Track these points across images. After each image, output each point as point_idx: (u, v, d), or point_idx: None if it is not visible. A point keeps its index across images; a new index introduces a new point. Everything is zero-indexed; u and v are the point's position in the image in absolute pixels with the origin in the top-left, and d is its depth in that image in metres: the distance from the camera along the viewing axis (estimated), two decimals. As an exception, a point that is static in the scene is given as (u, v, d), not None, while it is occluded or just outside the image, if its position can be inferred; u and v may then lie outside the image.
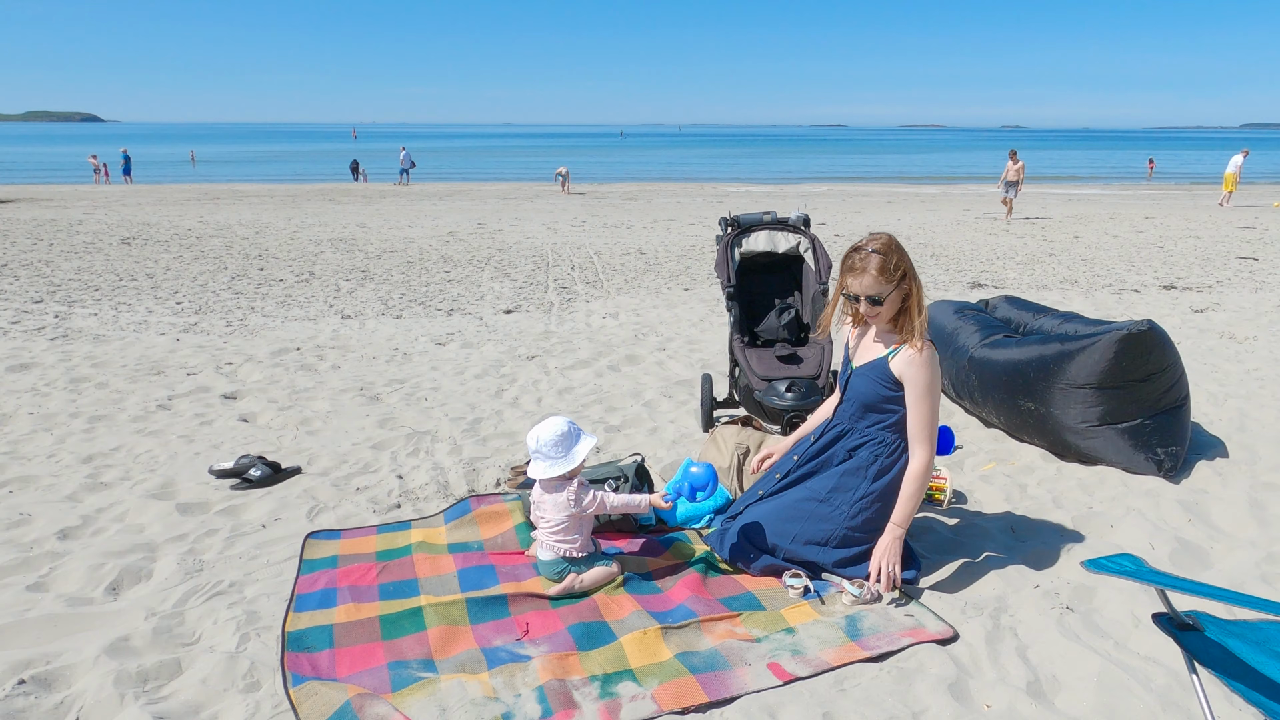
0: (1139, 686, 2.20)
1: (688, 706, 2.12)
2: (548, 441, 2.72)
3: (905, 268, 2.66)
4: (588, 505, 2.72)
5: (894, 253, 2.65)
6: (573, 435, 2.76)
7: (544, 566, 2.76)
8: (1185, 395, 3.81)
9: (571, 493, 2.71)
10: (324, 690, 2.14)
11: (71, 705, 2.15)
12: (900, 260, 2.65)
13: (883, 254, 2.63)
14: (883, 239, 2.68)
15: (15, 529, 3.19)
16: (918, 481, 2.66)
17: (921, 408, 2.65)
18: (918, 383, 2.64)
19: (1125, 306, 8.21)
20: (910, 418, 2.67)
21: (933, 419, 2.66)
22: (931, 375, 2.65)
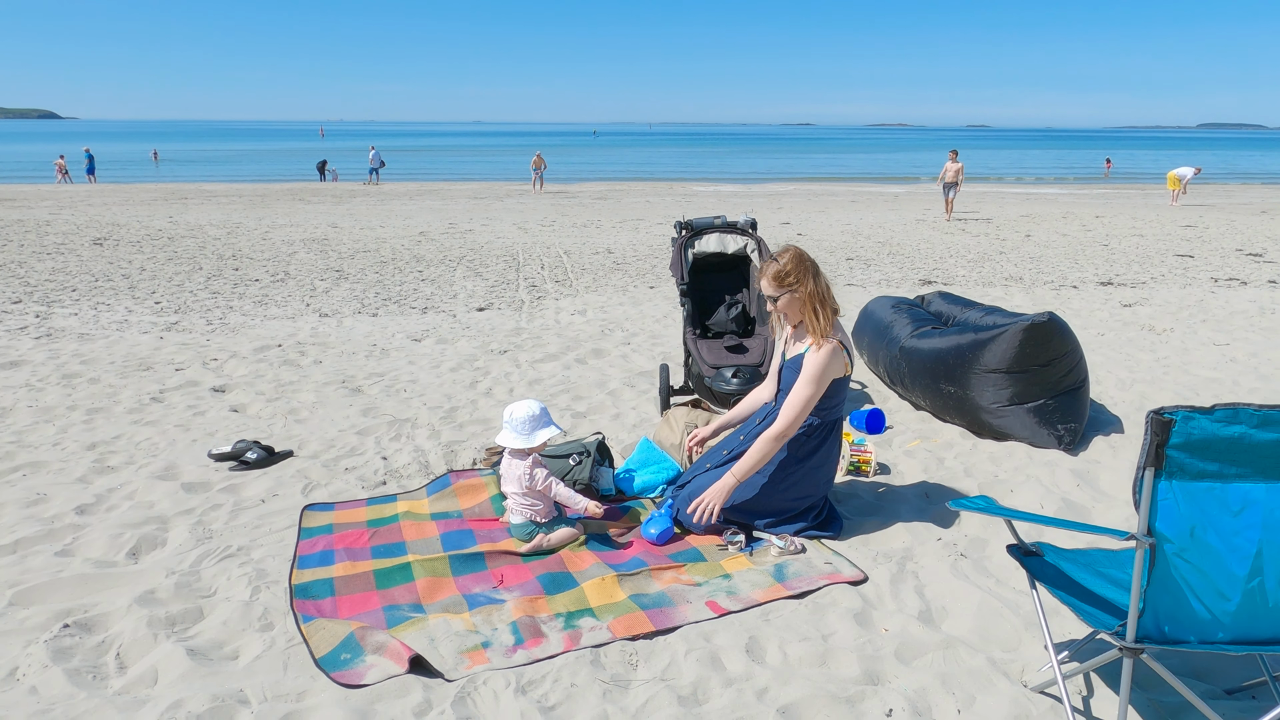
0: (1009, 612, 2.66)
1: (637, 634, 2.54)
2: (520, 419, 3.12)
3: (798, 277, 3.10)
4: (538, 483, 3.12)
5: (790, 264, 3.11)
6: (541, 420, 3.16)
7: (515, 529, 3.17)
8: (1084, 378, 4.31)
9: (527, 469, 3.12)
10: (330, 625, 2.53)
11: (111, 644, 2.51)
12: (794, 270, 3.10)
13: (777, 263, 3.12)
14: (787, 252, 3.15)
15: (34, 507, 3.52)
16: (768, 444, 3.09)
17: (800, 388, 3.08)
18: (806, 369, 3.09)
19: (1061, 301, 8.77)
20: (791, 392, 3.11)
21: (805, 400, 3.07)
22: (820, 367, 3.06)
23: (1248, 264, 11.68)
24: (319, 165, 34.43)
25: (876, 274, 10.81)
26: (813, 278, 3.13)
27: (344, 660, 2.39)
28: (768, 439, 3.11)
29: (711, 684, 2.33)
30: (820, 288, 3.12)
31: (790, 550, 3.06)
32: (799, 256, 3.14)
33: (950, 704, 2.25)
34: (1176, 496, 1.74)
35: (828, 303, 3.13)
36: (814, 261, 3.18)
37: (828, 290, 3.15)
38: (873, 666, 2.41)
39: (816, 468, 3.21)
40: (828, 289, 3.16)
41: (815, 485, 3.22)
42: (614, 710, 2.22)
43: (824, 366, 3.07)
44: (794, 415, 3.09)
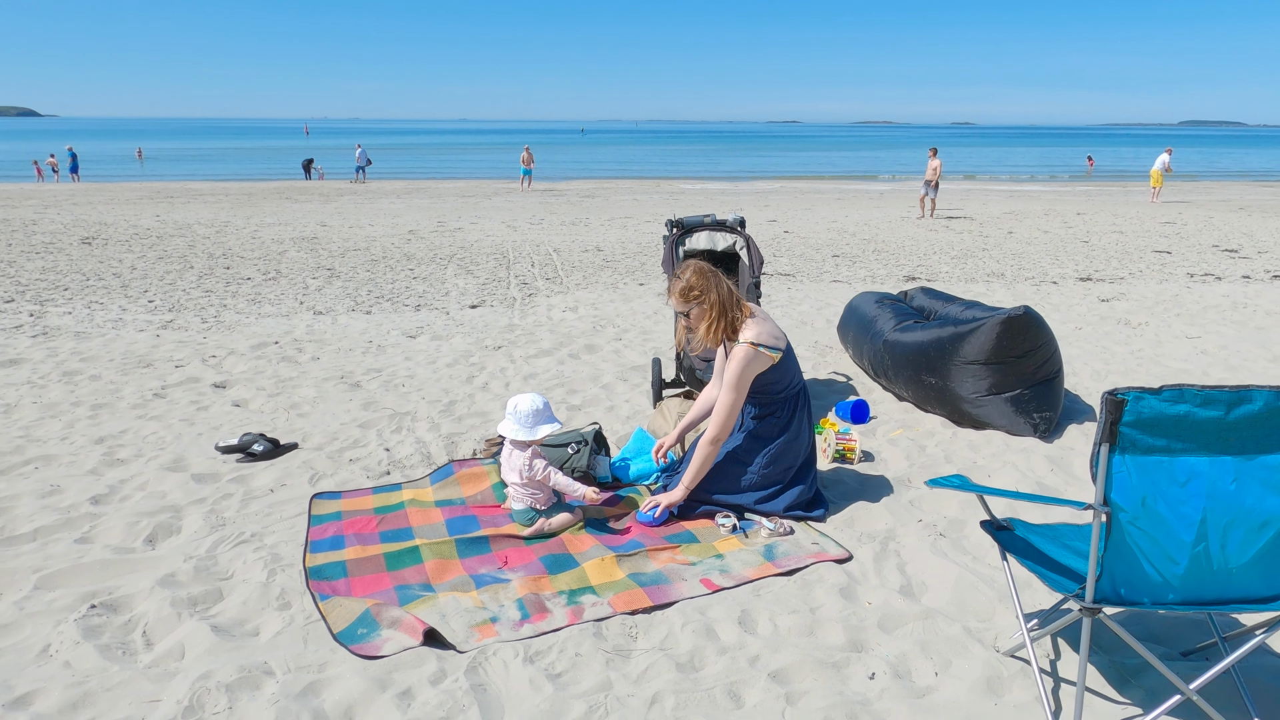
0: (984, 586, 2.84)
1: (636, 609, 2.70)
2: (524, 412, 3.27)
3: (703, 290, 3.28)
4: (537, 474, 3.27)
5: (694, 278, 3.29)
6: (543, 414, 3.32)
7: (517, 514, 3.32)
8: (1058, 369, 4.50)
9: (527, 459, 3.27)
10: (346, 603, 2.68)
11: (138, 622, 2.64)
12: (698, 284, 3.28)
13: (681, 280, 3.31)
14: (689, 269, 3.33)
15: (50, 498, 3.64)
16: (705, 449, 3.29)
17: (723, 395, 3.26)
18: (727, 376, 3.27)
19: (1041, 297, 9.00)
20: (717, 400, 3.29)
21: (730, 405, 3.23)
22: (736, 373, 3.22)
23: (1223, 260, 11.97)
24: (305, 164, 34.29)
25: (862, 270, 11.01)
26: (716, 288, 3.29)
27: (361, 635, 2.54)
28: (704, 445, 3.31)
29: (707, 653, 2.50)
30: (724, 295, 3.28)
31: (780, 532, 3.23)
32: (700, 270, 3.33)
33: (928, 668, 2.43)
34: (1129, 469, 1.91)
35: (729, 310, 3.28)
36: (715, 274, 3.35)
37: (730, 299, 3.30)
38: (857, 635, 2.58)
39: (793, 439, 3.40)
40: (730, 298, 3.30)
41: (795, 453, 3.42)
42: (617, 677, 2.38)
43: (740, 371, 3.24)
44: (722, 420, 3.28)
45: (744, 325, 3.30)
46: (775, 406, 3.40)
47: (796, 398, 3.43)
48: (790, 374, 3.41)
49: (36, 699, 2.26)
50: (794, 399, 3.42)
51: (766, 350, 3.28)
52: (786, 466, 3.40)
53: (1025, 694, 2.31)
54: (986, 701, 2.28)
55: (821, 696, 2.29)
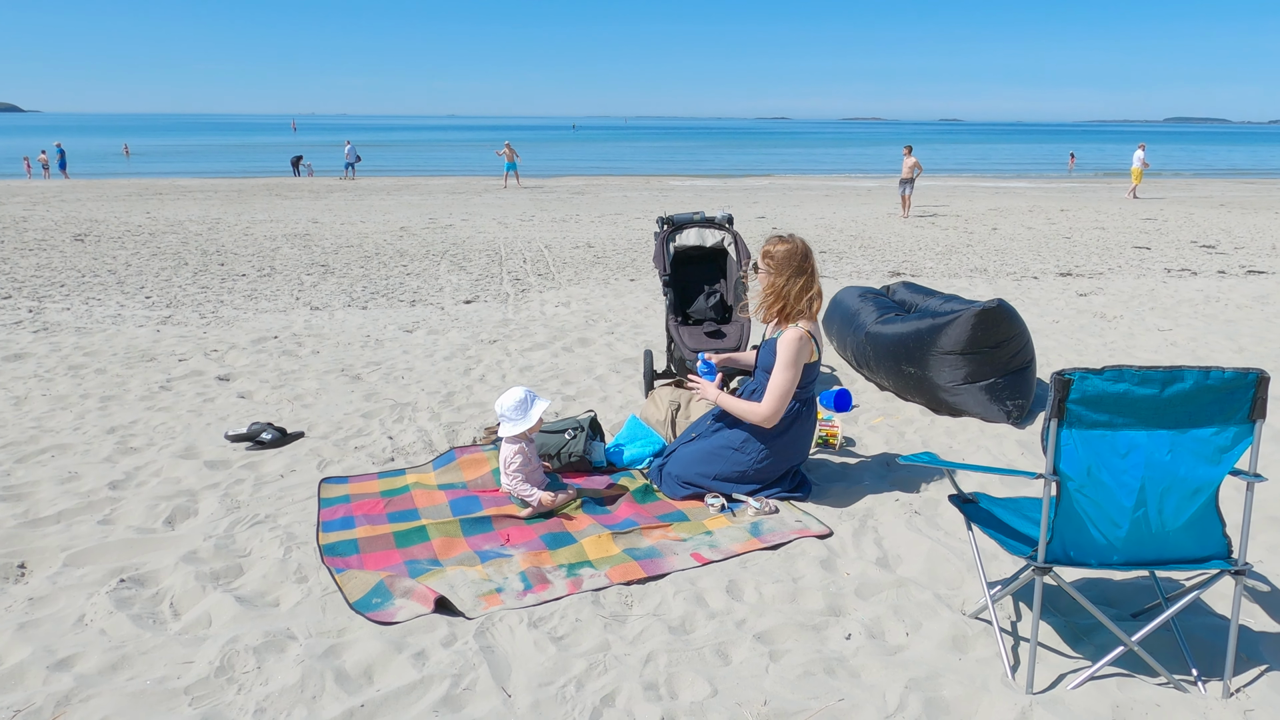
0: (955, 558, 3.05)
1: (631, 580, 2.90)
2: (510, 406, 3.47)
3: (776, 269, 3.47)
4: (512, 466, 3.42)
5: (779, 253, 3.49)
6: (529, 401, 3.51)
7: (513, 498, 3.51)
8: (1031, 359, 4.73)
9: (512, 453, 3.44)
10: (361, 575, 2.87)
11: (165, 595, 2.82)
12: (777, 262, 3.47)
13: (771, 245, 3.53)
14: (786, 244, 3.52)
15: (69, 483, 3.80)
16: (752, 415, 3.46)
17: (779, 373, 3.43)
18: (781, 355, 3.44)
19: (1022, 291, 9.25)
20: (771, 379, 3.46)
21: (786, 384, 3.41)
22: (793, 353, 3.39)
23: (1201, 255, 12.26)
24: (294, 160, 34.26)
25: (848, 266, 11.24)
26: (790, 276, 3.46)
27: (375, 603, 2.73)
28: (754, 412, 3.46)
29: (697, 618, 2.70)
30: (791, 289, 3.45)
31: (765, 510, 3.44)
32: (792, 250, 3.49)
33: (900, 629, 2.64)
34: (1076, 442, 2.12)
35: (789, 302, 3.46)
36: (807, 261, 3.49)
37: (802, 293, 3.45)
38: (835, 602, 2.79)
39: (795, 439, 3.58)
40: (801, 292, 3.45)
41: (794, 454, 3.61)
42: (614, 639, 2.58)
43: (795, 352, 3.41)
44: (778, 398, 3.43)
45: (799, 322, 3.46)
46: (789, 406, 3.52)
47: (808, 401, 3.59)
48: (810, 377, 3.56)
49: (78, 661, 2.44)
50: (805, 402, 3.57)
51: (813, 345, 3.46)
52: (782, 463, 3.57)
53: (987, 650, 2.53)
54: (951, 657, 2.49)
55: (802, 654, 2.50)
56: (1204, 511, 2.17)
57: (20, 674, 2.37)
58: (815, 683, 2.36)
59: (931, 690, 2.32)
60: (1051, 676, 2.39)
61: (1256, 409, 2.10)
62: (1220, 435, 2.11)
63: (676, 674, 2.40)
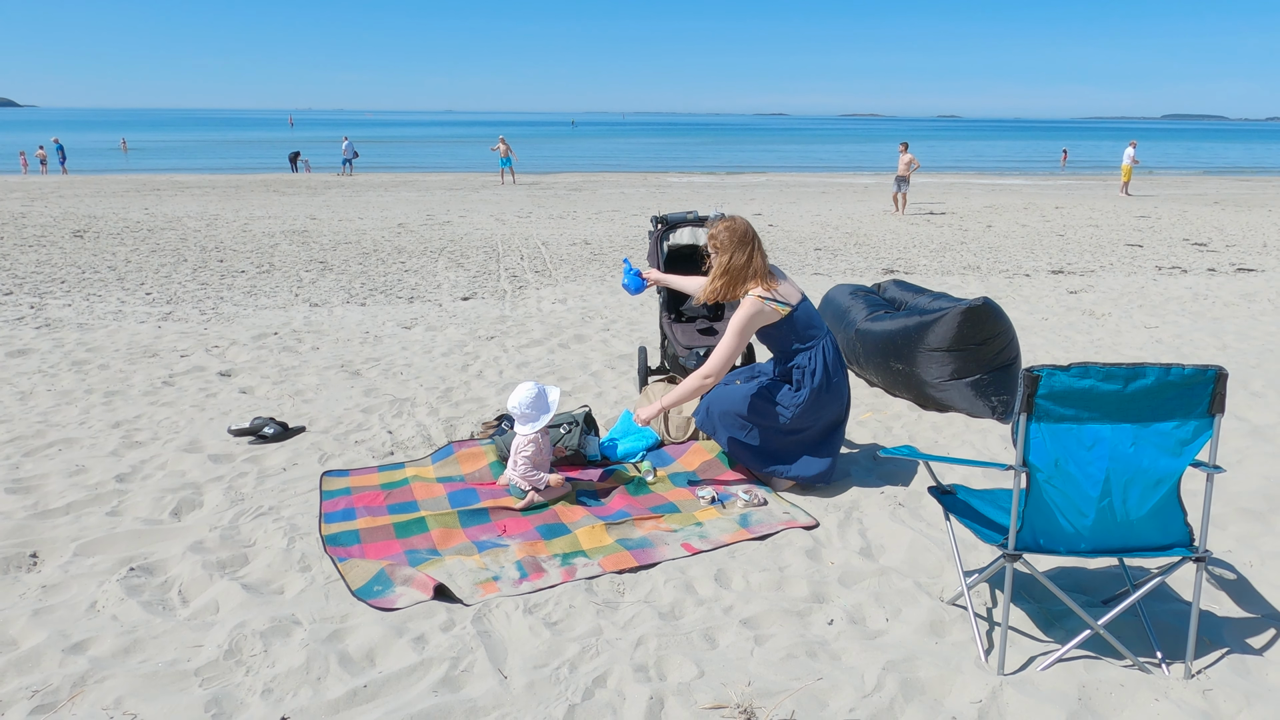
0: (935, 548, 3.17)
1: (623, 569, 3.01)
2: (526, 403, 3.56)
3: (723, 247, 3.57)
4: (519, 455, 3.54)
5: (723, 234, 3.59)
6: (542, 394, 3.61)
7: (513, 489, 3.61)
8: (1016, 355, 4.84)
9: (525, 442, 3.55)
10: (362, 563, 2.97)
11: (173, 583, 2.93)
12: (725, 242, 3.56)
13: (715, 228, 3.64)
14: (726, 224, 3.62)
15: (76, 476, 3.90)
16: (696, 380, 3.55)
17: (724, 340, 3.53)
18: (730, 324, 3.54)
19: (1014, 289, 9.36)
20: (719, 344, 3.55)
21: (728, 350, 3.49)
22: (740, 322, 3.48)
23: (1192, 253, 12.38)
24: (291, 156, 34.27)
25: (843, 263, 11.34)
26: (734, 252, 3.54)
27: (377, 591, 2.83)
28: (696, 376, 3.59)
29: (686, 604, 2.81)
30: (735, 264, 3.53)
31: (754, 503, 3.55)
32: (733, 230, 3.58)
33: (881, 615, 2.75)
34: (1044, 435, 2.23)
35: (738, 277, 3.54)
36: (747, 236, 3.57)
37: (745, 265, 3.53)
38: (819, 589, 2.91)
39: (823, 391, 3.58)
40: (749, 265, 3.53)
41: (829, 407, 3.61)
42: (606, 625, 2.69)
43: (744, 321, 3.51)
44: (719, 360, 3.54)
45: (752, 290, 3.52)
46: (798, 356, 3.59)
47: (822, 352, 3.59)
48: (808, 330, 3.58)
49: (91, 645, 2.55)
50: (819, 353, 3.58)
51: (774, 303, 3.49)
52: (819, 416, 3.59)
53: (963, 635, 2.64)
54: (929, 641, 2.60)
55: (786, 639, 2.61)
56: (1166, 501, 2.28)
57: (37, 657, 2.48)
58: (797, 664, 2.48)
59: (908, 671, 2.43)
60: (1022, 659, 2.50)
61: (1215, 404, 2.21)
62: (1181, 429, 2.22)
63: (665, 657, 2.51)
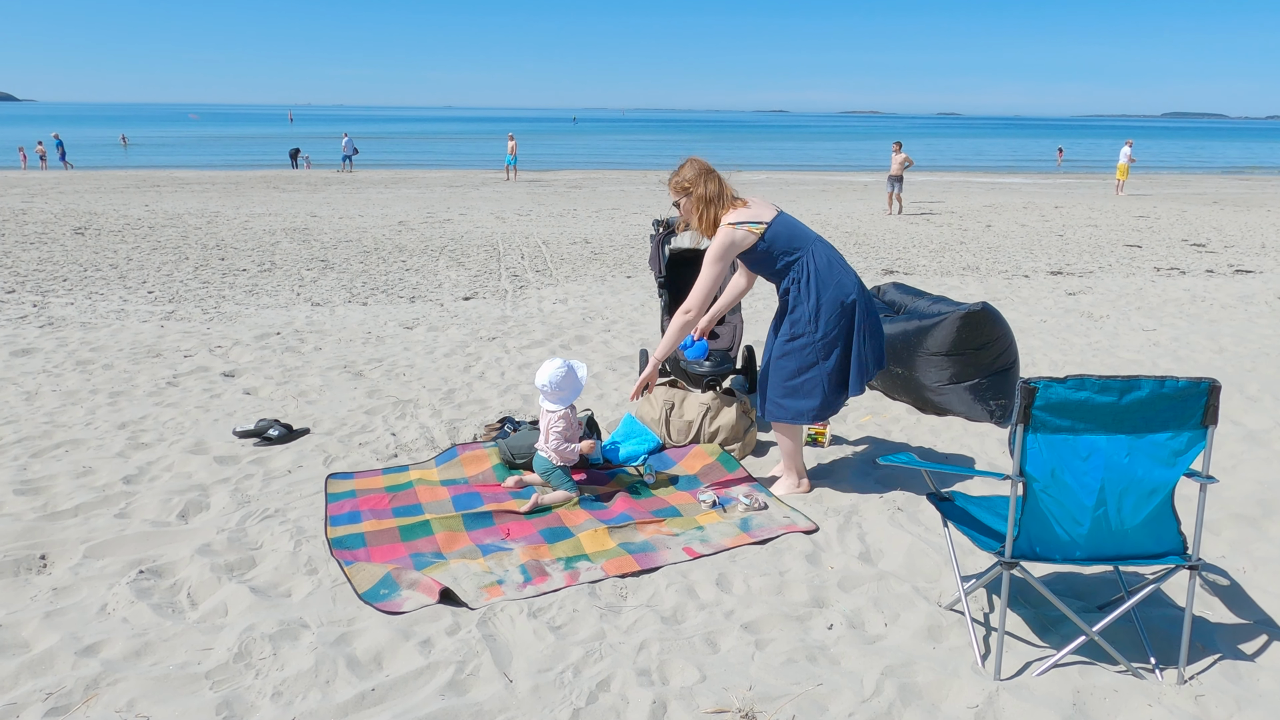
0: (933, 552, 3.21)
1: (626, 573, 3.06)
2: (555, 380, 3.64)
3: (693, 184, 3.58)
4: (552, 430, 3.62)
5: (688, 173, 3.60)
6: (572, 372, 3.69)
7: (538, 461, 3.70)
8: (1014, 360, 4.88)
9: (556, 418, 3.64)
10: (369, 567, 3.02)
11: (182, 585, 2.97)
12: (692, 179, 3.58)
13: (679, 175, 3.64)
14: (686, 164, 3.64)
15: (84, 478, 3.94)
16: (679, 320, 3.60)
17: (704, 270, 3.53)
18: (708, 254, 3.53)
19: (1012, 290, 9.40)
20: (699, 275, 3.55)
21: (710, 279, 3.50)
22: (718, 249, 3.49)
23: (1190, 254, 12.42)
24: (291, 153, 34.31)
25: (842, 264, 11.38)
26: (704, 183, 3.58)
27: (383, 594, 2.87)
28: (678, 315, 3.60)
29: (688, 608, 2.86)
30: (709, 192, 3.56)
31: (755, 506, 3.59)
32: (695, 165, 3.63)
33: (880, 619, 2.80)
34: (1041, 446, 2.27)
35: (715, 202, 3.56)
36: (707, 167, 3.62)
37: (720, 191, 3.57)
38: (819, 594, 2.95)
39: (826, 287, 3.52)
40: (721, 190, 3.57)
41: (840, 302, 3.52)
42: (609, 628, 2.73)
43: (722, 248, 3.51)
44: (701, 294, 3.54)
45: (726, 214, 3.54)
46: (791, 270, 3.56)
47: (812, 256, 3.54)
48: (792, 243, 3.53)
49: (103, 648, 2.59)
50: (809, 258, 3.54)
51: (747, 225, 3.49)
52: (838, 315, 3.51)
53: (960, 640, 2.68)
54: (926, 646, 2.65)
55: (786, 643, 2.65)
56: (1160, 511, 2.32)
57: (50, 659, 2.52)
58: (797, 669, 2.52)
59: (906, 676, 2.47)
60: (1018, 664, 2.55)
61: (1209, 415, 2.25)
62: (1175, 440, 2.26)
63: (668, 661, 2.55)
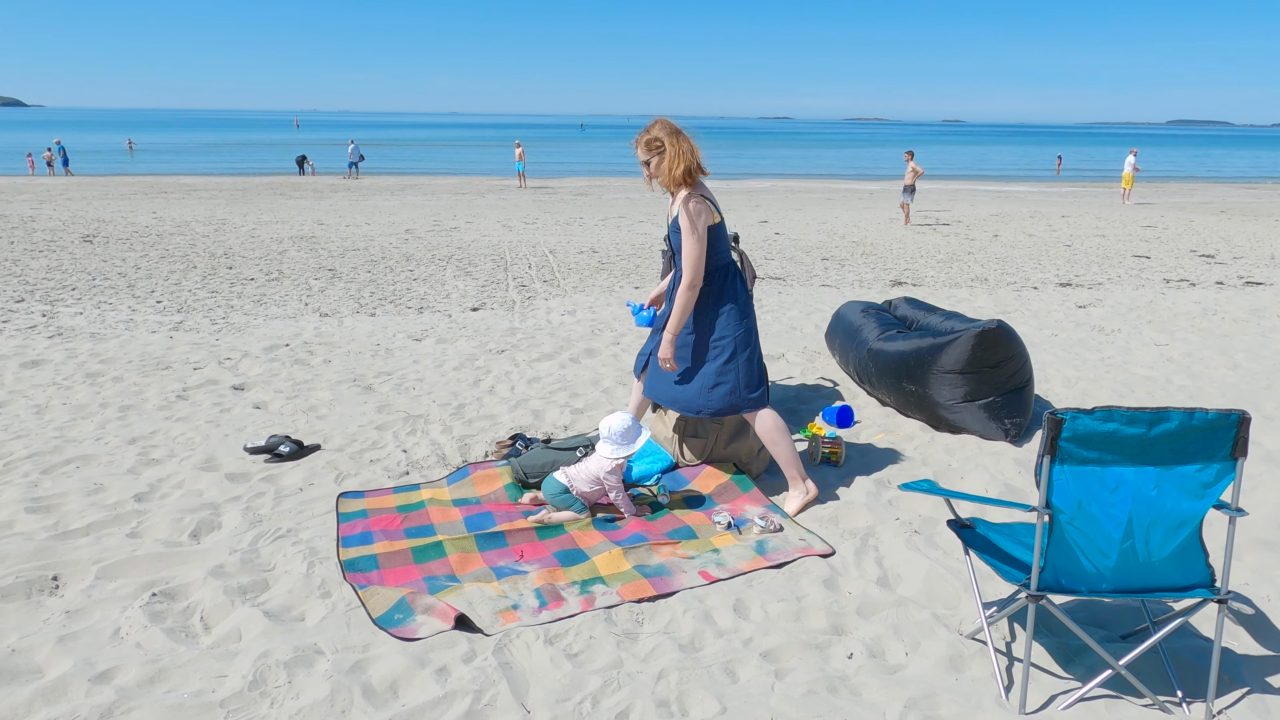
0: (952, 577, 3.18)
1: (642, 598, 3.03)
2: (618, 431, 3.67)
3: (666, 142, 3.64)
4: (608, 485, 3.66)
5: (659, 131, 3.66)
6: (635, 428, 3.72)
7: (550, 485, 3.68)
8: (1029, 378, 4.85)
9: (607, 470, 3.65)
10: (383, 591, 2.99)
11: (195, 609, 2.95)
12: (663, 137, 3.64)
13: (649, 133, 3.69)
14: (656, 123, 3.72)
15: (95, 495, 3.93)
16: (683, 295, 3.67)
17: (687, 243, 3.63)
18: (684, 224, 3.62)
19: (1021, 303, 9.36)
20: (683, 250, 3.66)
21: (697, 251, 3.61)
22: (692, 218, 3.60)
23: (1199, 265, 12.37)
24: (298, 160, 34.52)
25: (850, 274, 11.35)
26: (676, 139, 3.66)
27: (398, 619, 2.85)
28: (682, 291, 3.68)
29: (706, 636, 2.82)
30: (682, 149, 3.64)
31: (770, 529, 3.56)
32: (664, 124, 3.71)
33: (900, 648, 2.76)
34: (1067, 478, 2.24)
35: (682, 160, 3.63)
36: (678, 129, 3.71)
37: (690, 152, 3.66)
38: (838, 621, 2.92)
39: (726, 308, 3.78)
40: (691, 150, 3.67)
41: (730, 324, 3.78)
42: (627, 656, 2.70)
43: (695, 216, 3.61)
44: (693, 266, 3.64)
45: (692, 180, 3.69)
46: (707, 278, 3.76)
47: (725, 269, 3.79)
48: (722, 241, 3.77)
49: (117, 674, 2.57)
50: (723, 269, 3.78)
51: (711, 206, 3.68)
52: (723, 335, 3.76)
53: (983, 670, 2.65)
54: (949, 677, 2.61)
55: (806, 673, 2.62)
56: (1188, 543, 2.29)
57: (64, 686, 2.50)
58: (819, 701, 2.49)
59: (929, 709, 2.44)
60: (1044, 697, 2.51)
61: (1238, 447, 2.22)
62: (1204, 472, 2.23)
63: (687, 691, 2.52)
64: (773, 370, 6.23)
